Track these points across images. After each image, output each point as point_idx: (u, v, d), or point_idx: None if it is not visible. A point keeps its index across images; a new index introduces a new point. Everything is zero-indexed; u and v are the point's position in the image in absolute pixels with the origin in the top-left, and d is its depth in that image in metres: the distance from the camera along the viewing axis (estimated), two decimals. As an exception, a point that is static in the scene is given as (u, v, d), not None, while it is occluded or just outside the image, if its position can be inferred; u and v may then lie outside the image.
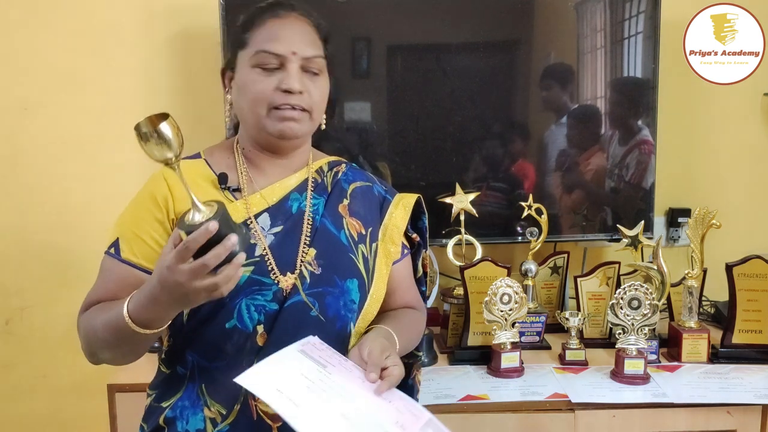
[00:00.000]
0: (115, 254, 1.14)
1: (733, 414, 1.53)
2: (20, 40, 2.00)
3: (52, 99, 2.02)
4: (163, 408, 1.16)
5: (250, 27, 1.18)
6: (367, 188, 1.31)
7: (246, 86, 1.16)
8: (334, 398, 0.99)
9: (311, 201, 1.22)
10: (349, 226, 1.24)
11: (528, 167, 2.01)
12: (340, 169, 1.30)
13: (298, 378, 1.00)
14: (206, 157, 1.23)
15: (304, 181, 1.24)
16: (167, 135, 0.92)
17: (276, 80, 1.14)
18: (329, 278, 1.17)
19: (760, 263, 1.71)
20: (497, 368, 1.64)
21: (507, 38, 2.00)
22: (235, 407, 1.11)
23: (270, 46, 1.14)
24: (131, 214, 1.17)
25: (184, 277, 0.93)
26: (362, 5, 1.93)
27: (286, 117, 1.15)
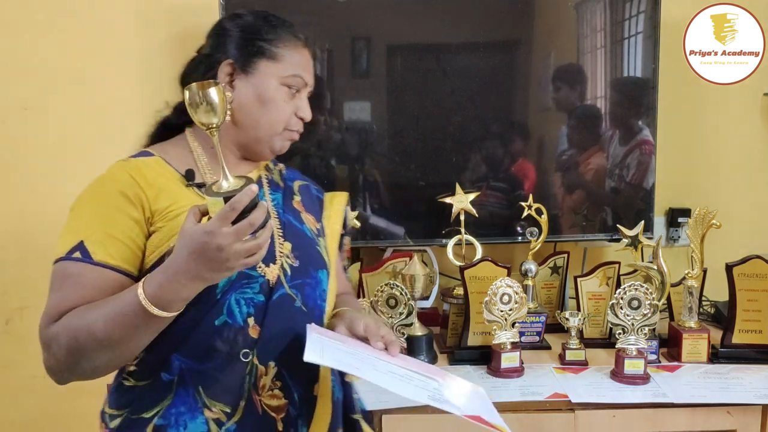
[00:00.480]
0: (84, 258, 1.07)
1: (733, 414, 1.53)
2: (20, 40, 2.00)
3: (52, 99, 2.02)
4: (147, 419, 1.11)
5: (281, 43, 1.22)
6: (307, 187, 1.38)
7: (273, 102, 1.21)
8: (374, 361, 1.09)
9: (270, 197, 1.26)
10: (307, 221, 1.29)
11: (528, 167, 2.02)
12: (280, 167, 1.37)
13: (338, 353, 1.07)
14: (160, 155, 1.21)
15: (259, 177, 1.28)
16: (214, 101, 0.98)
17: (294, 106, 1.24)
18: (305, 270, 1.21)
19: (760, 263, 1.71)
20: (497, 368, 1.64)
21: (507, 38, 2.00)
22: (241, 404, 1.11)
23: (305, 75, 1.24)
24: (97, 215, 1.11)
25: (228, 239, 0.93)
26: (362, 5, 1.93)
27: (292, 139, 1.26)
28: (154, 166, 1.18)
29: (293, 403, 1.15)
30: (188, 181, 1.18)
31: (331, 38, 1.92)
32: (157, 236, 1.11)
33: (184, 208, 1.10)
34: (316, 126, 1.94)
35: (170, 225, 1.11)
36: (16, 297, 2.07)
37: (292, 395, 1.15)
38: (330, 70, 1.94)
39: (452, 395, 1.11)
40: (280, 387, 1.14)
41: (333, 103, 1.96)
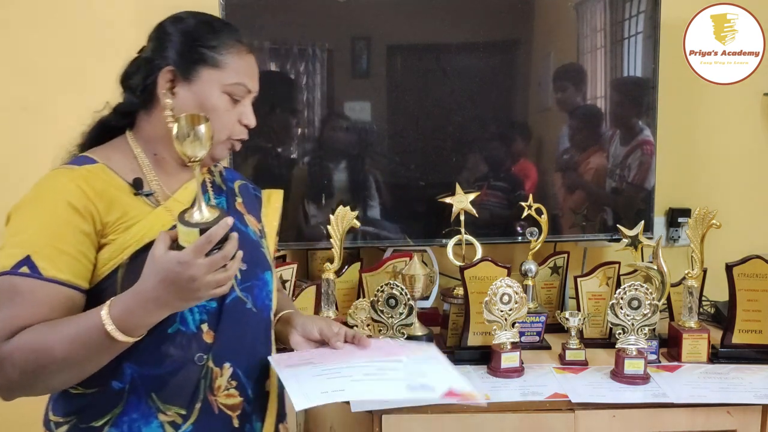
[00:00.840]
0: (32, 273, 1.02)
1: (733, 414, 1.53)
2: (20, 40, 2.00)
3: (51, 99, 2.02)
4: (97, 428, 1.10)
5: (224, 49, 1.17)
6: (245, 186, 1.37)
7: (216, 111, 1.15)
8: (348, 371, 1.15)
9: (214, 200, 1.26)
10: (250, 223, 1.29)
11: (528, 167, 2.02)
12: (220, 168, 1.35)
13: (315, 380, 1.12)
14: (104, 161, 1.16)
15: (203, 182, 1.26)
16: (202, 135, 1.00)
17: (237, 114, 1.20)
18: (254, 272, 1.22)
19: (760, 263, 1.71)
20: (497, 368, 1.64)
21: (507, 38, 2.00)
22: (197, 406, 1.12)
23: (249, 83, 1.20)
24: (44, 228, 1.06)
25: (201, 271, 0.96)
26: (362, 5, 1.93)
27: (234, 149, 1.23)
28: (101, 175, 1.13)
29: (248, 400, 1.18)
30: (137, 190, 1.15)
31: (331, 38, 1.92)
32: (108, 249, 1.09)
33: (135, 219, 1.11)
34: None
35: (122, 237, 1.09)
36: (16, 297, 2.06)
37: (247, 393, 1.18)
38: (330, 70, 1.94)
39: (417, 371, 1.18)
40: (235, 386, 1.16)
41: (333, 103, 1.96)
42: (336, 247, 1.77)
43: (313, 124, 1.96)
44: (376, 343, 1.30)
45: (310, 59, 1.93)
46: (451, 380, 1.18)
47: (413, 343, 1.38)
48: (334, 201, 1.93)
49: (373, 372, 1.16)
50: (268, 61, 1.93)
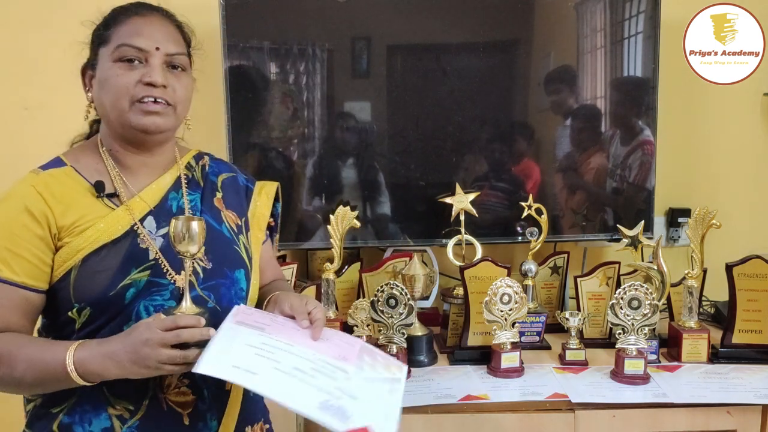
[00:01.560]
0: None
1: (733, 414, 1.53)
2: (21, 40, 2.00)
3: (52, 99, 2.02)
4: (54, 414, 1.14)
5: (112, 24, 1.19)
6: (233, 179, 1.35)
7: (108, 81, 1.16)
8: (283, 356, 1.08)
9: (188, 198, 1.24)
10: (227, 219, 1.28)
11: (528, 167, 2.01)
12: (204, 162, 1.33)
13: (245, 349, 1.06)
14: (72, 163, 1.20)
15: (177, 178, 1.25)
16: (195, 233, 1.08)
17: (138, 74, 1.15)
18: (220, 271, 1.21)
19: (760, 263, 1.71)
20: (497, 368, 1.64)
21: (507, 38, 2.00)
22: (144, 402, 1.13)
23: (132, 40, 1.16)
24: (2, 231, 1.11)
25: (156, 336, 1.01)
26: (362, 5, 1.93)
27: (149, 111, 1.16)
28: (64, 179, 1.17)
29: (202, 398, 1.17)
30: (98, 192, 1.16)
31: (331, 38, 1.92)
32: (64, 251, 1.12)
33: (91, 222, 1.13)
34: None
35: (77, 240, 1.12)
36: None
37: (202, 392, 1.17)
38: (330, 70, 1.94)
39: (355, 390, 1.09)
40: (188, 384, 1.16)
41: (333, 103, 1.96)
42: (336, 247, 1.77)
43: (313, 124, 1.96)
44: (341, 340, 1.21)
45: (310, 59, 1.93)
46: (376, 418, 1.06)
47: (386, 359, 1.23)
48: (334, 201, 1.93)
49: (305, 370, 1.07)
50: (268, 61, 1.93)
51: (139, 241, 1.15)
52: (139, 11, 1.20)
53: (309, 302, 1.21)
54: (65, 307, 1.13)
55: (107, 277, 1.11)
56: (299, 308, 1.19)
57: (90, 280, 1.11)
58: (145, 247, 1.15)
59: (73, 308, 1.12)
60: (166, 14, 1.23)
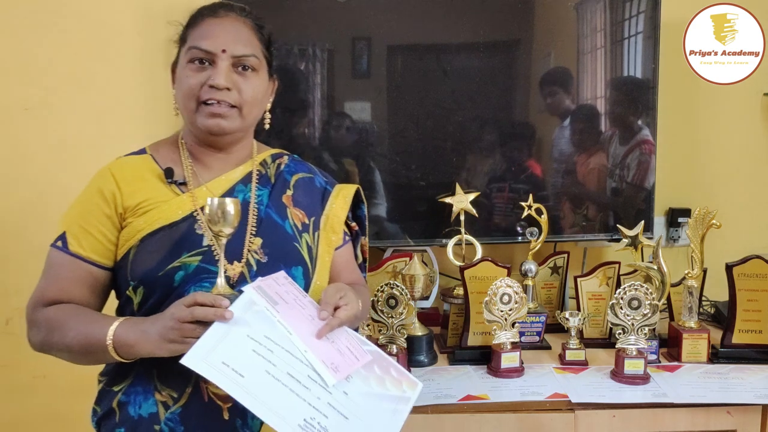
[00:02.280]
0: (63, 248, 1.20)
1: (733, 414, 1.53)
2: (21, 40, 2.00)
3: (52, 99, 2.02)
4: (115, 392, 1.20)
5: (191, 25, 1.25)
6: (309, 179, 1.38)
7: (180, 81, 1.23)
8: (280, 355, 1.04)
9: (256, 192, 1.27)
10: (293, 216, 1.29)
11: (528, 167, 2.01)
12: (282, 161, 1.37)
13: (243, 342, 1.03)
14: (152, 152, 1.29)
15: (248, 173, 1.29)
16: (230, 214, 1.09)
17: (205, 76, 1.20)
18: (275, 266, 1.22)
19: (760, 263, 1.71)
20: (497, 368, 1.64)
21: (507, 38, 2.00)
22: (187, 390, 1.15)
23: (201, 43, 1.21)
24: (78, 209, 1.22)
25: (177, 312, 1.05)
26: (362, 5, 1.93)
27: (213, 113, 1.21)
28: (139, 164, 1.25)
29: None
30: (167, 178, 1.23)
31: (331, 38, 1.92)
32: (126, 231, 1.19)
33: (155, 205, 1.19)
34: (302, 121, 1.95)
35: (138, 221, 1.19)
36: (16, 297, 2.07)
37: None
38: (330, 70, 1.94)
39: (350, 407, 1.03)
40: None
41: (333, 103, 1.96)
42: (336, 247, 1.77)
43: (313, 124, 1.96)
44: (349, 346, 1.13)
45: (310, 59, 1.93)
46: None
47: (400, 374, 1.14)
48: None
49: (299, 377, 1.01)
50: (268, 61, 1.93)
51: (196, 227, 1.19)
52: (216, 12, 1.24)
53: (345, 296, 1.18)
54: (124, 285, 1.19)
55: (158, 258, 1.16)
56: (329, 298, 1.17)
57: (144, 259, 1.16)
58: (201, 233, 1.19)
59: (130, 286, 1.18)
60: (242, 14, 1.26)
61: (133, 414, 1.17)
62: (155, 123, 2.04)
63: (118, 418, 1.19)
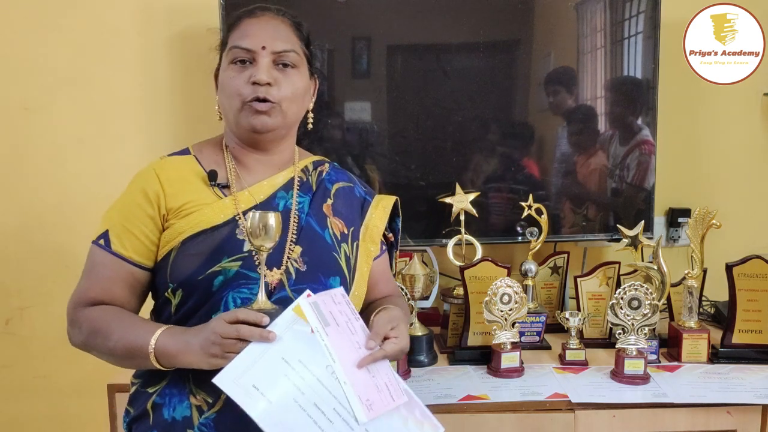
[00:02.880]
0: (105, 246, 1.20)
1: (733, 414, 1.53)
2: (21, 40, 2.00)
3: (52, 99, 2.02)
4: (149, 393, 1.20)
5: (231, 29, 1.25)
6: (350, 189, 1.36)
7: (224, 83, 1.23)
8: (310, 383, 1.03)
9: (297, 199, 1.27)
10: (332, 226, 1.28)
11: (528, 167, 2.01)
12: (323, 168, 1.36)
13: (277, 365, 1.02)
14: (195, 153, 1.28)
15: (290, 179, 1.29)
16: (272, 228, 1.08)
17: (248, 74, 1.20)
18: (314, 275, 1.21)
19: (760, 263, 1.71)
20: (497, 368, 1.64)
21: (507, 38, 2.00)
22: (222, 396, 1.13)
23: (241, 42, 1.21)
24: (121, 208, 1.22)
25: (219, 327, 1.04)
26: (362, 5, 1.93)
27: (258, 111, 1.21)
28: (183, 165, 1.25)
29: None
30: (211, 181, 1.23)
31: (331, 38, 1.92)
32: (168, 232, 1.19)
33: (197, 207, 1.19)
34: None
35: (180, 223, 1.18)
36: (17, 297, 2.07)
37: None
38: (330, 70, 1.94)
39: None
40: None
41: (333, 103, 1.96)
42: (336, 247, 1.77)
43: (313, 124, 1.96)
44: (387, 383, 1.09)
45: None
46: None
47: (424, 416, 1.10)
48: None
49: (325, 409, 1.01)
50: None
51: (238, 232, 1.19)
52: (253, 13, 1.25)
53: (396, 328, 1.16)
54: (163, 287, 1.20)
55: (198, 261, 1.16)
56: (380, 328, 1.14)
57: (184, 262, 1.16)
58: (242, 238, 1.18)
59: (168, 288, 1.18)
60: (279, 12, 1.27)
61: (167, 417, 1.16)
62: (155, 123, 2.04)
63: (151, 420, 1.18)
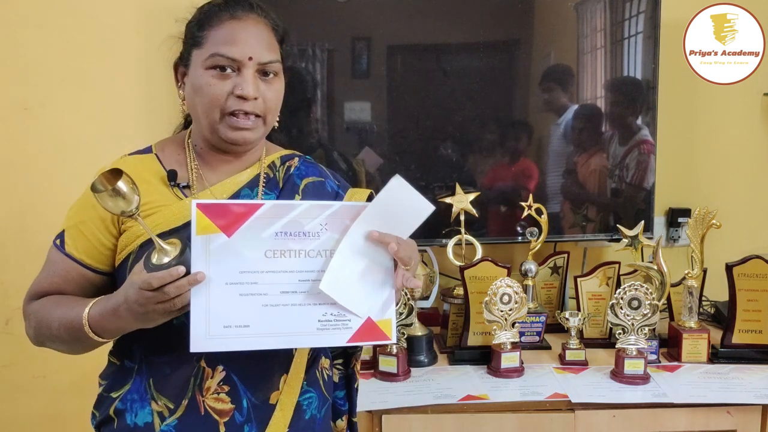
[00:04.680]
0: (60, 246, 1.18)
1: (733, 414, 1.53)
2: (21, 40, 2.00)
3: (52, 99, 2.02)
4: (113, 398, 1.17)
5: (207, 25, 1.16)
6: (320, 183, 1.30)
7: (201, 89, 1.14)
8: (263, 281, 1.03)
9: (262, 197, 1.22)
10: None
11: (528, 167, 2.01)
12: (292, 163, 1.29)
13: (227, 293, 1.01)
14: (157, 152, 1.23)
15: (255, 176, 1.23)
16: (124, 191, 0.98)
17: (231, 84, 1.13)
18: None
19: (760, 263, 1.71)
20: (497, 368, 1.64)
21: (507, 38, 2.00)
22: (183, 402, 1.12)
23: (226, 50, 1.13)
24: (78, 209, 1.19)
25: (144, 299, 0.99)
26: (362, 5, 1.93)
27: (239, 126, 1.15)
28: (142, 165, 1.19)
29: (240, 408, 1.13)
30: (171, 181, 1.18)
31: (331, 38, 1.92)
32: (125, 236, 1.15)
33: (156, 209, 1.14)
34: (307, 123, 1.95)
35: (137, 226, 1.12)
36: (16, 297, 2.05)
37: (241, 401, 1.14)
38: (330, 70, 1.94)
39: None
40: (227, 392, 1.13)
41: (333, 103, 1.96)
42: (336, 247, 1.77)
43: (313, 124, 1.96)
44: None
45: (310, 59, 1.93)
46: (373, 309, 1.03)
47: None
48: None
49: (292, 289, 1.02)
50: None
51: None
52: (235, 13, 1.15)
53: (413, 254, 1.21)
54: None
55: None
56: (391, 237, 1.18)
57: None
58: None
59: None
60: (262, 14, 1.18)
61: (130, 422, 1.14)
62: (155, 122, 2.04)
63: (116, 425, 1.16)
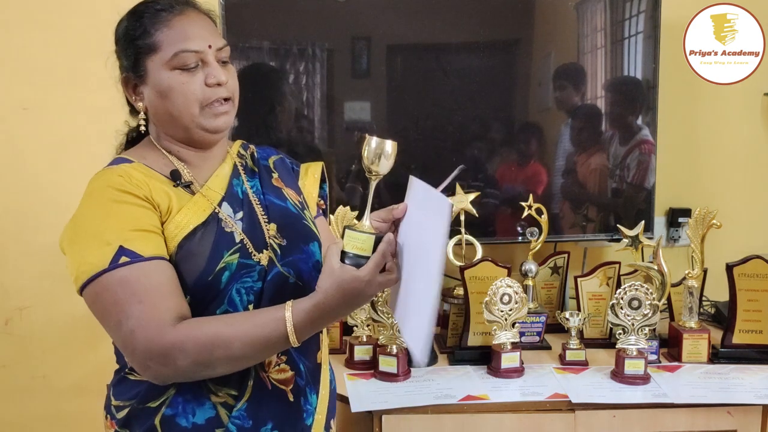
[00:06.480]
0: (135, 259, 1.06)
1: (733, 414, 1.53)
2: (20, 40, 2.00)
3: (52, 99, 2.02)
4: (154, 408, 1.13)
5: (152, 30, 1.15)
6: (281, 160, 1.36)
7: (173, 90, 1.14)
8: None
9: (248, 183, 1.25)
10: (290, 197, 1.29)
11: (528, 167, 2.01)
12: (252, 150, 1.33)
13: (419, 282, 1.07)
14: (140, 161, 1.19)
15: (234, 166, 1.26)
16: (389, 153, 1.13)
17: (201, 76, 1.14)
18: (296, 246, 1.22)
19: (760, 263, 1.71)
20: (497, 368, 1.64)
21: (507, 38, 2.00)
22: (249, 383, 1.13)
23: (188, 45, 1.13)
24: (117, 217, 1.09)
25: (377, 288, 1.06)
26: (362, 5, 1.93)
27: (219, 112, 1.17)
28: (139, 170, 1.17)
29: (300, 373, 1.19)
30: (174, 181, 1.18)
31: (331, 38, 1.92)
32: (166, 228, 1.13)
33: (178, 207, 1.14)
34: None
35: (169, 227, 1.12)
36: (16, 297, 2.07)
37: (298, 366, 1.19)
38: (330, 70, 1.94)
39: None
40: (285, 361, 1.17)
41: (333, 103, 1.96)
42: (336, 247, 1.77)
43: (312, 124, 1.96)
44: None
45: (310, 59, 1.93)
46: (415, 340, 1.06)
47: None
48: (334, 201, 1.93)
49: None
50: (268, 61, 1.92)
51: (223, 225, 1.16)
52: (174, 9, 1.16)
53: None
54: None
55: (203, 261, 1.11)
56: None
57: (188, 264, 1.10)
58: (230, 230, 1.16)
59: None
60: (195, 6, 1.20)
61: (186, 424, 1.12)
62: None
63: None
